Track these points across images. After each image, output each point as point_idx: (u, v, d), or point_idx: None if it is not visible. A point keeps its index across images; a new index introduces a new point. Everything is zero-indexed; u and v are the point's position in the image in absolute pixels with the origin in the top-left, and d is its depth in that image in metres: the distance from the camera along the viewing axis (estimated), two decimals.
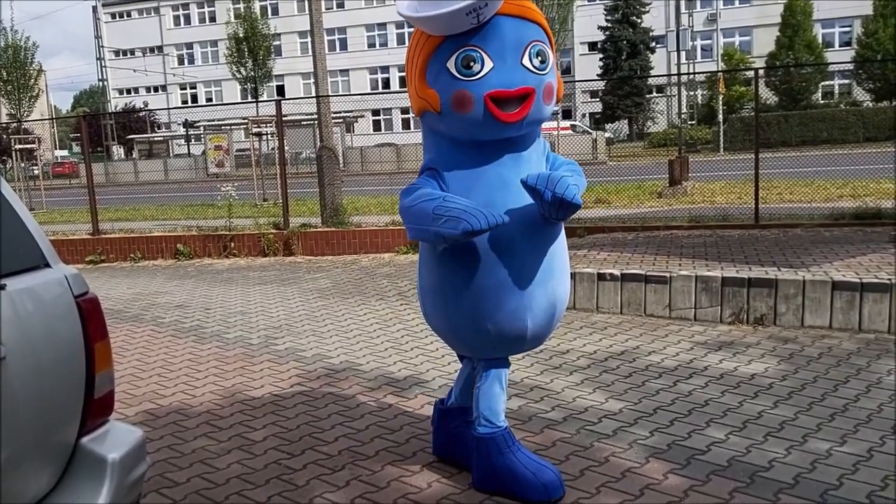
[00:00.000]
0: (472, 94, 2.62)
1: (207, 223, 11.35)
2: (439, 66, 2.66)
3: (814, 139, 28.24)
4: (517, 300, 2.85)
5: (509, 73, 2.64)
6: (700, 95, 42.14)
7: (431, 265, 2.95)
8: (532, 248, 2.84)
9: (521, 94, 2.64)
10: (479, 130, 2.70)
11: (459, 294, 2.85)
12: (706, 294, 6.02)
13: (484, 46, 2.62)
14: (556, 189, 2.59)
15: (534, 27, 2.71)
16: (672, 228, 8.79)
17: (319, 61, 10.57)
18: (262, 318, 6.65)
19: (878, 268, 6.01)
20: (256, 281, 8.51)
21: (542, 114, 2.77)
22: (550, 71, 2.77)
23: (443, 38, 2.64)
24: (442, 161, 2.86)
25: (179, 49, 64.82)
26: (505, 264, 2.80)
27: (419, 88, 2.75)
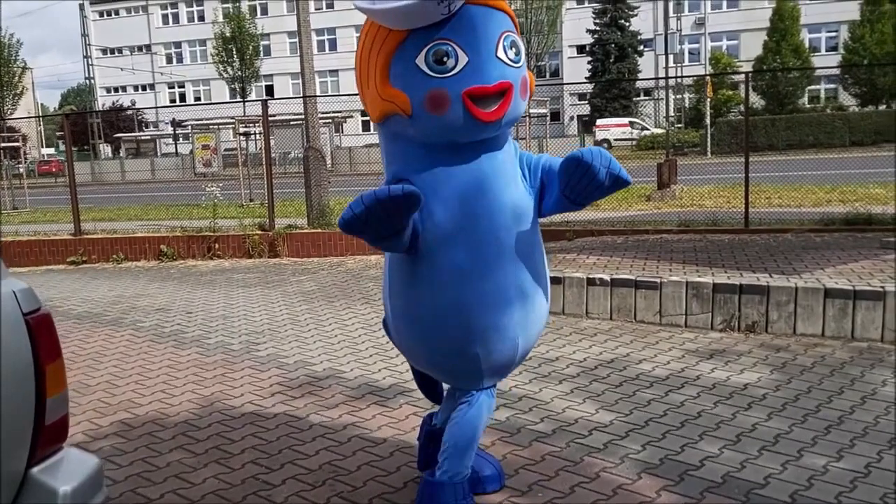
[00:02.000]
0: (447, 92, 2.35)
1: (192, 224, 11.19)
2: (406, 63, 2.38)
3: (800, 143, 28.38)
4: (508, 317, 2.61)
5: (486, 67, 2.38)
6: (688, 99, 42.23)
7: (403, 286, 2.66)
8: (519, 257, 2.62)
9: (500, 89, 2.40)
10: (455, 132, 2.44)
11: (440, 316, 2.58)
12: (697, 300, 5.92)
13: (456, 39, 2.35)
14: (612, 167, 2.44)
15: (503, 17, 2.47)
16: (662, 232, 8.71)
17: (307, 61, 10.44)
18: (244, 323, 6.50)
19: (870, 274, 5.94)
20: (240, 283, 8.36)
21: (519, 110, 2.53)
22: (524, 63, 2.55)
23: (407, 32, 2.37)
24: (411, 170, 2.55)
25: (168, 48, 64.42)
26: (491, 276, 2.56)
27: (381, 90, 2.44)
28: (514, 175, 2.65)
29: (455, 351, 2.65)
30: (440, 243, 2.52)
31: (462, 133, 2.45)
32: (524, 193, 2.66)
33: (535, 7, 41.33)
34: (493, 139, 2.57)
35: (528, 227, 2.65)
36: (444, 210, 2.51)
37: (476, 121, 2.38)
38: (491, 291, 2.56)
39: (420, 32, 2.34)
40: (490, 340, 2.63)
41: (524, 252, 2.63)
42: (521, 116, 2.67)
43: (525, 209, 2.64)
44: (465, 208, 2.52)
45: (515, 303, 2.62)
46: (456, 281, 2.55)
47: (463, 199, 2.52)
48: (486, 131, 2.48)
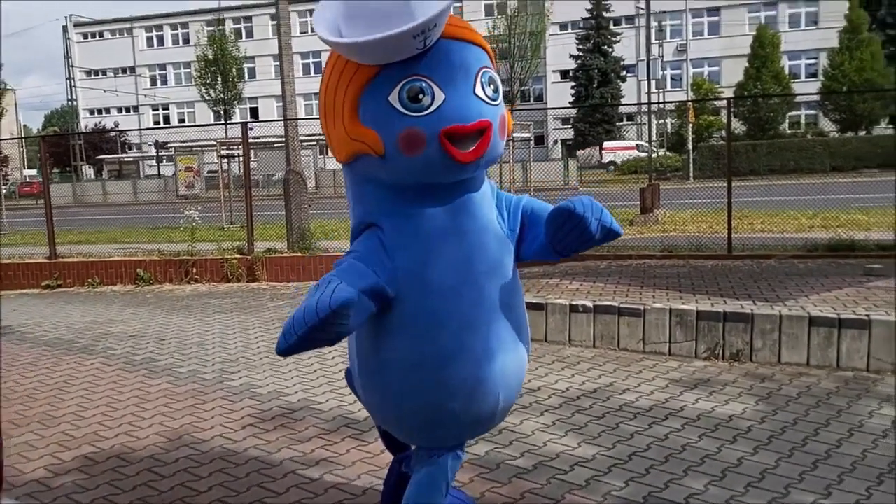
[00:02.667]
0: (423, 131, 2.17)
1: (170, 247, 11.00)
2: (377, 100, 2.20)
3: (781, 168, 28.55)
4: (488, 369, 2.41)
5: (463, 105, 2.21)
6: (670, 123, 42.58)
7: (371, 336, 2.44)
8: (499, 304, 2.44)
9: (479, 128, 2.22)
10: (430, 174, 2.27)
11: (413, 370, 2.38)
12: (681, 328, 5.83)
13: (432, 75, 2.18)
14: (604, 219, 2.32)
15: (480, 52, 2.32)
16: (645, 257, 8.64)
17: (288, 84, 10.35)
18: (218, 351, 6.33)
19: (854, 302, 5.88)
20: (216, 309, 8.18)
21: (499, 149, 2.37)
22: (502, 100, 2.39)
23: (379, 68, 2.19)
24: (381, 213, 2.39)
25: (152, 70, 64.41)
26: (469, 325, 2.37)
27: (350, 129, 2.26)
28: (491, 218, 2.49)
29: (430, 408, 2.43)
30: (412, 291, 2.34)
31: (438, 174, 2.28)
32: (503, 237, 2.50)
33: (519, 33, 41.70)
34: (470, 180, 2.40)
35: (506, 271, 2.49)
36: (417, 255, 2.34)
37: (453, 162, 2.21)
38: (468, 342, 2.38)
39: (393, 68, 2.18)
40: (469, 396, 2.42)
41: (504, 299, 2.46)
42: (501, 155, 2.50)
43: (504, 254, 2.49)
44: (438, 253, 2.35)
45: (496, 354, 2.43)
46: (430, 331, 2.35)
47: (437, 244, 2.35)
48: (463, 172, 2.31)
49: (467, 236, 2.39)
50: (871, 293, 6.23)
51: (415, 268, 2.34)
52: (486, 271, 2.41)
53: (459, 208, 2.39)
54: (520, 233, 2.54)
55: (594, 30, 47.49)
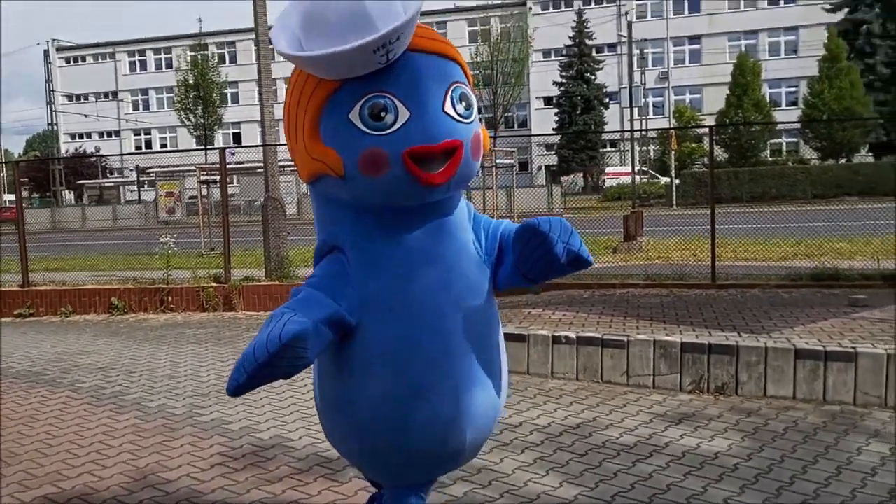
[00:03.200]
0: (386, 151, 2.01)
1: (146, 275, 10.79)
2: (338, 118, 2.05)
3: (763, 195, 28.72)
4: (454, 407, 2.24)
5: (430, 123, 2.04)
6: (652, 150, 42.88)
7: (331, 367, 2.31)
8: (470, 336, 2.26)
9: (447, 148, 2.05)
10: (395, 196, 2.11)
11: (375, 405, 2.22)
12: (665, 360, 5.71)
13: (395, 91, 2.03)
14: (572, 242, 2.14)
15: (453, 66, 2.16)
16: (628, 286, 8.54)
17: (267, 109, 10.25)
18: (189, 384, 6.13)
19: (840, 334, 5.79)
20: (190, 339, 7.98)
21: (471, 171, 2.19)
22: (476, 119, 2.20)
23: (340, 83, 2.04)
24: (344, 236, 2.24)
25: (134, 94, 64.36)
26: (436, 359, 2.21)
27: (311, 148, 2.12)
28: (466, 243, 2.32)
29: (393, 446, 2.27)
30: (375, 322, 2.18)
31: (403, 197, 2.11)
32: (478, 263, 2.33)
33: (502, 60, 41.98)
34: (443, 202, 2.22)
35: (482, 301, 2.32)
36: (382, 282, 2.17)
37: (419, 184, 2.05)
38: (434, 377, 2.21)
39: (354, 83, 2.03)
40: (433, 434, 2.25)
41: (476, 331, 2.29)
42: (475, 177, 2.33)
43: (477, 281, 2.32)
44: (407, 280, 2.18)
45: (464, 391, 2.25)
46: (395, 365, 2.19)
47: (404, 270, 2.19)
48: (432, 195, 2.13)
49: (438, 263, 2.22)
50: (857, 324, 6.15)
51: (379, 296, 2.18)
52: (459, 301, 2.24)
53: (431, 232, 2.22)
54: (497, 258, 2.38)
55: (577, 57, 47.93)
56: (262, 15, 10.33)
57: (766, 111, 38.83)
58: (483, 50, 42.90)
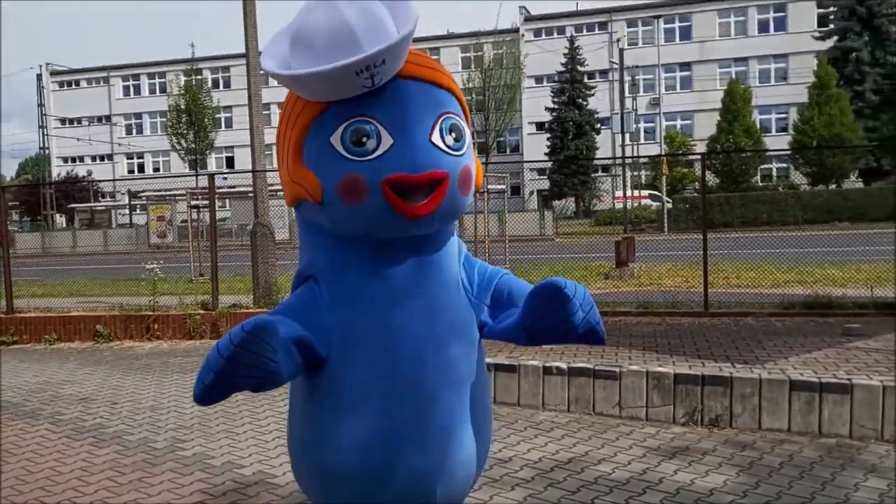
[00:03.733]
0: (365, 178, 1.92)
1: (132, 301, 10.63)
2: (320, 141, 1.97)
3: (755, 220, 28.79)
4: (424, 458, 2.08)
5: (414, 152, 1.94)
6: (644, 176, 43.01)
7: (300, 409, 2.21)
8: (449, 383, 2.12)
9: (431, 179, 1.95)
10: (374, 226, 2.00)
11: (341, 451, 2.08)
12: (658, 392, 5.60)
13: (380, 117, 1.94)
14: (592, 315, 1.97)
15: (445, 95, 2.06)
16: (620, 314, 8.45)
17: (257, 134, 10.19)
18: (172, 416, 5.99)
19: (835, 365, 5.71)
20: (176, 369, 7.83)
21: (458, 206, 2.07)
22: (467, 152, 2.07)
23: (325, 105, 1.97)
24: (321, 265, 2.12)
25: (128, 118, 64.43)
26: (408, 406, 2.06)
27: (293, 171, 2.05)
28: (451, 280, 2.19)
29: (358, 497, 2.12)
30: (347, 358, 2.05)
31: (382, 228, 2.00)
32: (465, 305, 2.20)
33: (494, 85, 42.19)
34: (428, 237, 2.09)
35: (465, 346, 2.18)
36: (357, 317, 2.05)
37: (398, 215, 1.95)
38: (405, 425, 2.06)
39: (339, 106, 1.94)
40: (400, 487, 2.09)
41: (456, 377, 2.14)
42: (464, 212, 2.21)
43: (463, 322, 2.18)
44: (384, 316, 2.05)
45: (437, 442, 2.10)
46: (363, 410, 2.05)
47: (382, 306, 2.06)
48: (413, 228, 2.01)
49: (419, 300, 2.09)
50: (851, 354, 6.08)
51: (353, 330, 2.05)
52: (438, 345, 2.10)
53: (414, 268, 2.09)
54: (490, 307, 2.25)
55: (569, 83, 48.20)
56: (252, 40, 10.31)
57: (756, 137, 39.03)
58: (476, 76, 43.10)
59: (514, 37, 51.82)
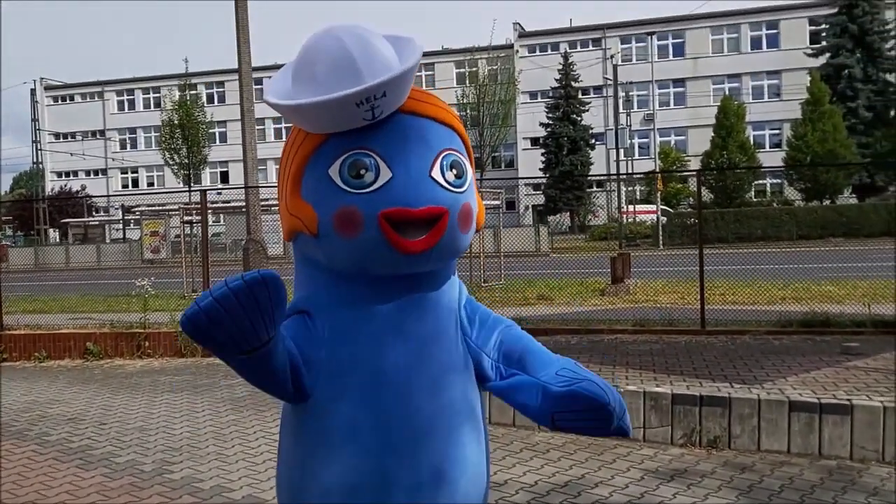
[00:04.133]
0: (361, 211, 1.87)
1: (124, 318, 10.51)
2: (318, 173, 1.94)
3: (749, 236, 28.85)
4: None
5: (413, 186, 1.90)
6: (639, 191, 43.07)
7: (287, 445, 2.11)
8: (439, 427, 2.01)
9: (430, 215, 1.90)
10: (370, 261, 1.94)
11: (329, 493, 1.97)
12: (656, 412, 5.52)
13: (380, 150, 1.90)
14: (625, 421, 1.93)
15: (448, 132, 2.02)
16: (617, 332, 8.37)
17: (249, 149, 10.12)
18: (161, 437, 5.87)
19: (834, 385, 5.63)
20: (165, 388, 7.71)
21: (457, 244, 2.00)
22: (469, 189, 2.03)
23: (325, 138, 1.94)
24: (317, 301, 2.05)
25: (122, 133, 64.38)
26: (396, 450, 1.95)
27: (290, 203, 2.00)
28: (448, 323, 2.09)
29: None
30: (336, 395, 1.96)
31: (377, 263, 1.94)
32: (462, 348, 2.10)
33: (489, 101, 42.33)
34: (427, 276, 2.02)
35: (460, 389, 2.07)
36: (348, 354, 1.96)
37: (394, 250, 1.89)
38: (395, 469, 1.96)
39: (339, 138, 1.91)
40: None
41: (451, 420, 2.03)
42: (464, 251, 2.09)
43: (459, 367, 2.08)
44: (375, 356, 1.96)
45: (429, 487, 1.99)
46: (351, 451, 1.96)
47: (374, 345, 1.97)
48: (410, 265, 1.95)
49: (412, 340, 2.00)
50: (851, 374, 6.01)
51: (343, 367, 1.96)
52: (434, 384, 2.00)
53: (409, 306, 2.01)
54: (495, 364, 2.12)
55: (563, 99, 48.37)
56: (245, 55, 10.26)
57: (750, 153, 39.15)
58: (470, 91, 43.23)
59: (508, 52, 52.05)
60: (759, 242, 27.64)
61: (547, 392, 1.96)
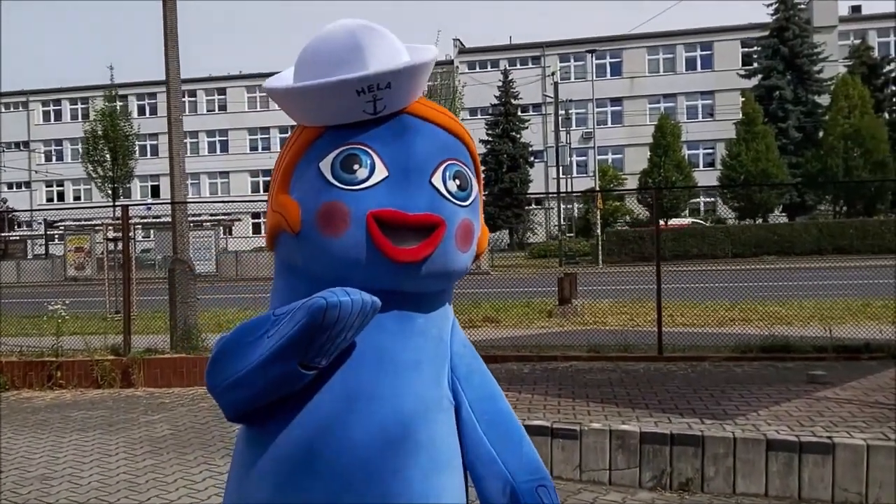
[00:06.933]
0: (348, 208, 1.65)
1: (34, 344, 9.56)
2: (309, 166, 1.73)
3: (685, 254, 29.06)
4: None
5: (410, 189, 1.69)
6: (577, 209, 43.27)
7: (240, 484, 1.79)
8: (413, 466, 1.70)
9: (424, 223, 1.67)
10: (352, 266, 1.68)
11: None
12: (622, 452, 5.05)
13: (378, 147, 1.70)
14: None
15: (454, 142, 1.80)
16: (571, 359, 7.92)
17: (177, 163, 9.38)
18: (65, 487, 5.11)
19: (809, 419, 5.27)
20: (76, 426, 6.89)
21: (452, 262, 1.75)
22: (472, 206, 1.80)
23: (322, 131, 1.74)
24: None
25: (48, 144, 61.95)
26: (364, 493, 1.65)
27: (276, 199, 1.77)
28: (432, 356, 1.78)
29: None
30: (293, 432, 1.66)
31: (359, 269, 1.67)
32: (444, 386, 1.79)
33: None
34: (415, 298, 1.76)
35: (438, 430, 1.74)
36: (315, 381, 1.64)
37: (383, 256, 1.65)
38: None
39: (336, 131, 1.72)
40: None
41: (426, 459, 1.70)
42: (460, 274, 1.81)
43: (437, 404, 1.76)
44: (347, 382, 1.65)
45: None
46: (303, 483, 1.64)
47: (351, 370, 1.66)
48: (395, 277, 1.69)
49: (398, 369, 1.71)
50: (823, 406, 5.67)
51: (307, 394, 1.67)
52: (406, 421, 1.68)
53: (392, 329, 1.72)
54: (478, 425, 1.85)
55: (503, 116, 48.41)
56: (173, 60, 9.53)
57: (686, 172, 39.74)
58: None
59: (448, 69, 51.89)
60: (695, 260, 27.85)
61: (514, 496, 1.78)
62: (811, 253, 29.22)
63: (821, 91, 41.10)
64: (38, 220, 50.95)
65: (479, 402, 1.82)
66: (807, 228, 31.37)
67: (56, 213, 45.06)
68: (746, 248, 30.37)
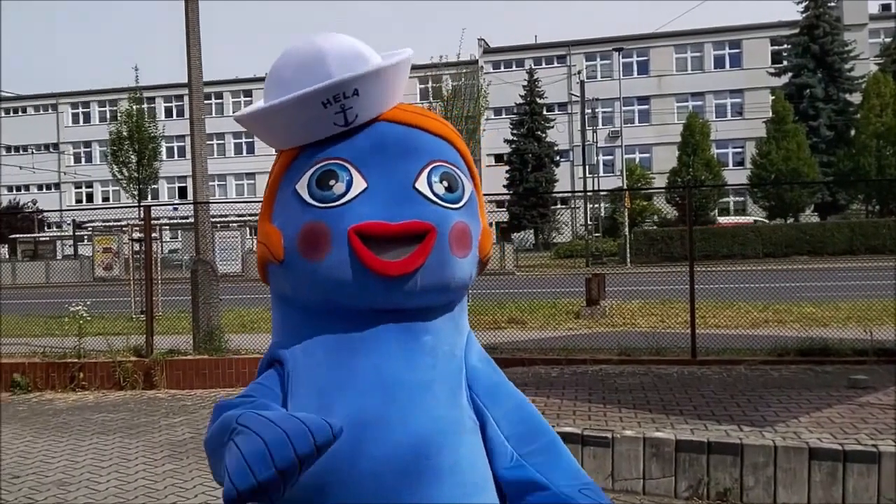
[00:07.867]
0: (328, 227, 1.51)
1: (57, 345, 9.53)
2: (287, 190, 1.61)
3: (716, 254, 28.62)
4: None
5: (392, 197, 1.54)
6: (603, 208, 42.88)
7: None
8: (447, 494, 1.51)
9: (411, 231, 1.51)
10: (339, 290, 1.53)
11: None
12: (657, 461, 4.84)
13: (352, 158, 1.56)
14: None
15: (440, 143, 1.66)
16: (600, 362, 7.69)
17: (199, 164, 9.30)
18: (82, 493, 5.01)
19: (852, 426, 5.02)
20: (97, 428, 6.81)
21: (450, 270, 1.57)
22: (466, 208, 1.63)
23: (297, 152, 1.62)
24: (290, 346, 1.64)
25: (77, 147, 62.79)
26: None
27: (261, 230, 1.67)
28: (445, 374, 1.58)
29: None
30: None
31: (347, 291, 1.52)
32: (465, 405, 1.59)
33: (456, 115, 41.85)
34: (417, 314, 1.59)
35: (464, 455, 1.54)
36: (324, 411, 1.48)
37: (371, 272, 1.50)
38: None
39: (310, 149, 1.60)
40: None
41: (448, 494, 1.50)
42: (464, 283, 1.62)
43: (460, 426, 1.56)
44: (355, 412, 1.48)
45: None
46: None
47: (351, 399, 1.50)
48: (387, 294, 1.53)
49: (403, 394, 1.52)
50: (867, 413, 5.40)
51: None
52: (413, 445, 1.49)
53: (393, 350, 1.55)
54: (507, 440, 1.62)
55: (528, 115, 48.10)
56: (195, 60, 9.47)
57: (716, 171, 39.20)
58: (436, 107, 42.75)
59: (473, 68, 51.69)
60: (727, 261, 27.41)
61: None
62: (843, 253, 28.68)
63: (852, 89, 40.34)
64: (67, 220, 51.58)
65: (506, 419, 1.62)
66: (839, 228, 30.75)
67: (85, 214, 45.57)
68: (777, 247, 29.89)
